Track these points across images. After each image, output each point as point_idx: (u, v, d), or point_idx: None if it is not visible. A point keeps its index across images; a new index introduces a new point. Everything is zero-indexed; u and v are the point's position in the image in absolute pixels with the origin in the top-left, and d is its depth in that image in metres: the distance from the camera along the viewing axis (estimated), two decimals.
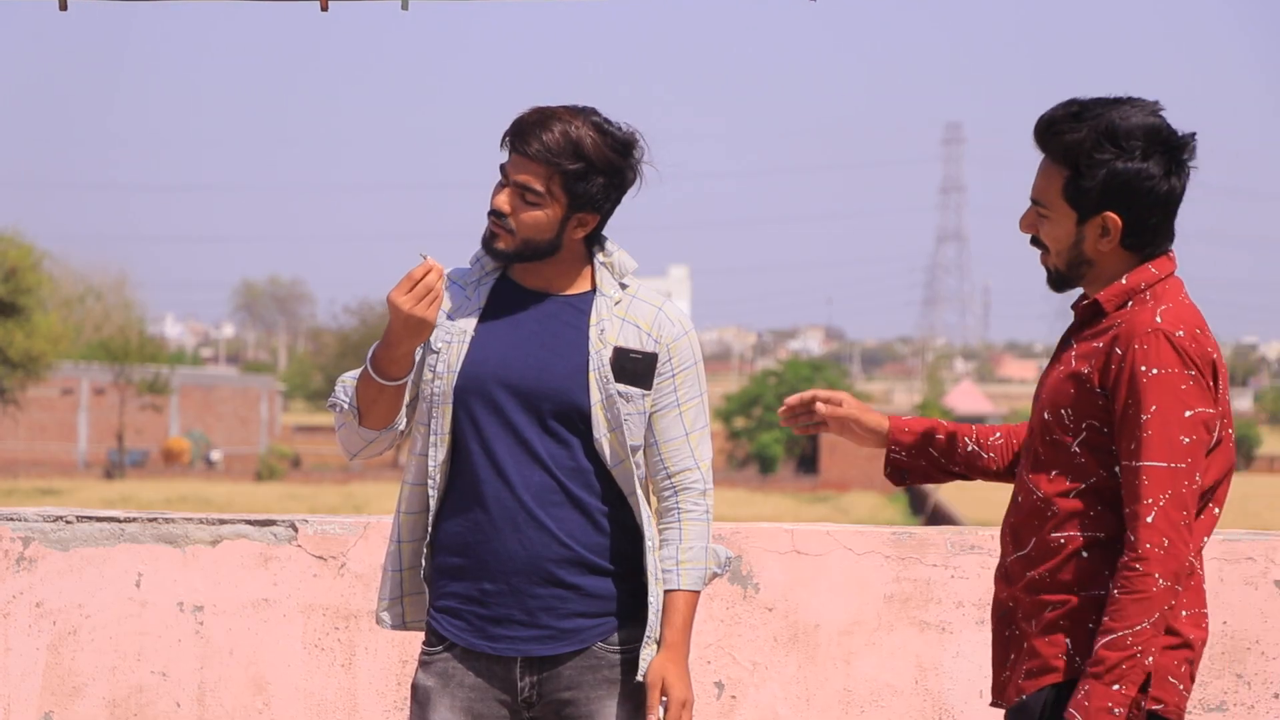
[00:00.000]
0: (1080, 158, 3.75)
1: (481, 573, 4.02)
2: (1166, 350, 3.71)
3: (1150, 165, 3.73)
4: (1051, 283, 3.90)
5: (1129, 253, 3.81)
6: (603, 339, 4.05)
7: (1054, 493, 3.80)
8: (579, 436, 4.03)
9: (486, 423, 4.03)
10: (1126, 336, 3.73)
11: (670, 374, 4.08)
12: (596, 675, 4.03)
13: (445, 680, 4.03)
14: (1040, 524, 3.81)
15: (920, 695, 5.47)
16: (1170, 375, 3.70)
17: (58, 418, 74.29)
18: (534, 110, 4.03)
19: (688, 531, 4.08)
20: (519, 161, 4.00)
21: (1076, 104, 3.78)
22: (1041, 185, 3.83)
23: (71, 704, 5.55)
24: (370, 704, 5.52)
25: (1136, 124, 3.72)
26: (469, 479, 4.04)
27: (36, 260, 60.13)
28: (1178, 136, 3.75)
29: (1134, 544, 3.67)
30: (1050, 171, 3.81)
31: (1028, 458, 3.89)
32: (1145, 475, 3.69)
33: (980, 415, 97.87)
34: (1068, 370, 3.81)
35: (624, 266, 4.13)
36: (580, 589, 4.02)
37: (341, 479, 62.91)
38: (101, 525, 5.56)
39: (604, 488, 4.04)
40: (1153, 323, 3.72)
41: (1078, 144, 3.74)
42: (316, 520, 5.58)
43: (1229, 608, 5.46)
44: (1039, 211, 3.84)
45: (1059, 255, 3.83)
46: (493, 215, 4.04)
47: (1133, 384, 3.70)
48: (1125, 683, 3.66)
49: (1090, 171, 3.74)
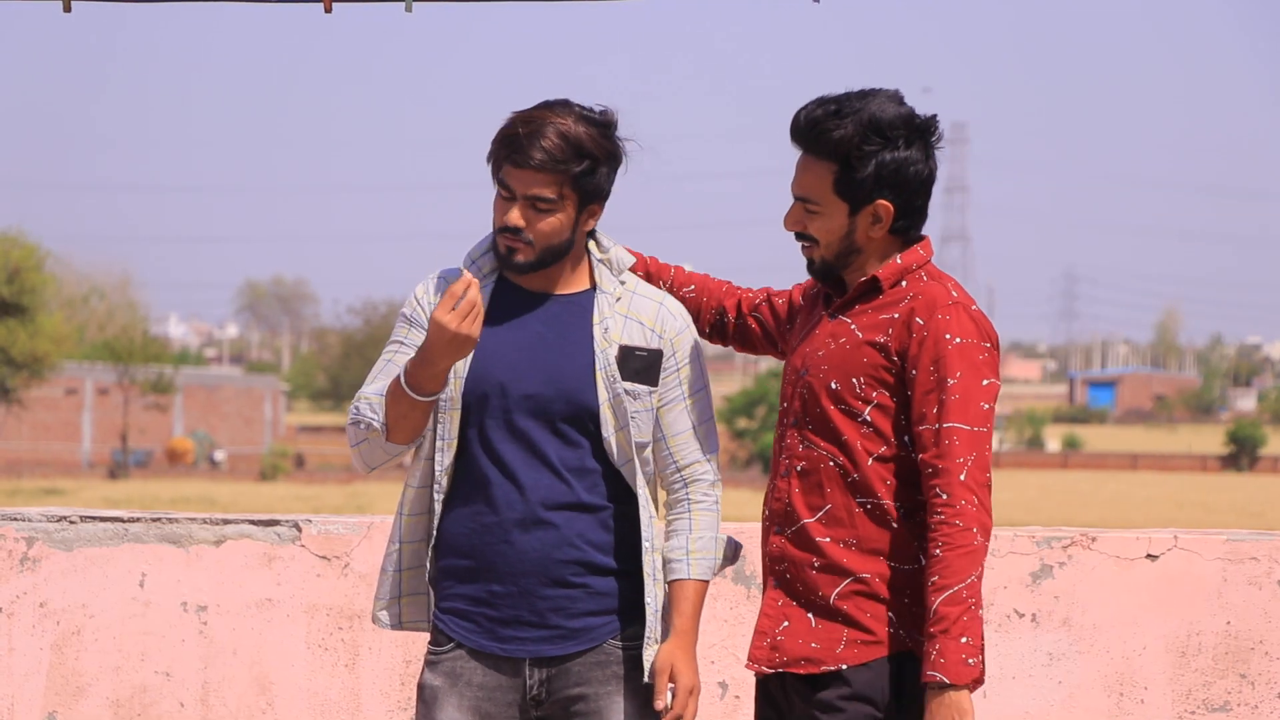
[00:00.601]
0: (850, 152, 3.92)
1: (490, 575, 4.03)
2: (967, 322, 3.92)
3: (913, 152, 3.94)
4: (814, 272, 4.05)
5: (894, 237, 3.99)
6: (607, 337, 4.07)
7: (850, 459, 3.94)
8: (587, 437, 4.05)
9: (495, 427, 4.04)
10: (927, 308, 3.91)
11: (675, 369, 4.11)
12: (605, 672, 4.05)
13: (453, 680, 4.04)
14: (835, 490, 3.94)
15: None
16: (971, 345, 3.90)
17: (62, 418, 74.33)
18: (518, 119, 4.01)
19: (698, 522, 4.11)
20: (524, 175, 3.98)
21: (831, 101, 3.94)
22: (809, 183, 3.98)
23: (75, 704, 5.55)
24: (374, 704, 5.52)
25: (895, 114, 3.92)
26: (476, 482, 4.05)
27: (40, 260, 60.13)
28: (928, 121, 3.95)
29: (948, 501, 3.84)
30: (816, 168, 3.96)
31: (806, 423, 3.99)
32: (954, 436, 3.86)
33: None
34: (856, 340, 3.94)
35: (621, 262, 4.15)
36: (589, 588, 4.04)
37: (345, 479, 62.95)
38: (105, 525, 5.57)
39: (611, 486, 4.07)
40: (951, 296, 3.92)
41: (846, 139, 3.91)
42: (320, 520, 5.58)
43: (1233, 608, 5.46)
44: (807, 209, 3.99)
45: (829, 247, 3.99)
46: (507, 232, 4.02)
47: (937, 351, 3.88)
48: (970, 634, 3.82)
49: (861, 164, 3.92)
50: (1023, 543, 5.48)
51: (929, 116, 3.96)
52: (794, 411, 4.03)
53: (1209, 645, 5.46)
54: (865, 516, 3.94)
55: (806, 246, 4.03)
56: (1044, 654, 5.47)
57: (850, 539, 3.94)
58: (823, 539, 3.95)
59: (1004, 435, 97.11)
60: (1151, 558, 5.49)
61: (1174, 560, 5.49)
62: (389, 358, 4.11)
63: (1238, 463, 79.56)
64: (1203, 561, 5.48)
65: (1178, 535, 5.51)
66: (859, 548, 3.94)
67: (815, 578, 3.95)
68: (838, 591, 3.94)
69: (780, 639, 3.97)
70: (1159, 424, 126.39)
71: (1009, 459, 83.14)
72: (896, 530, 3.94)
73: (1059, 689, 5.46)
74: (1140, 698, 5.46)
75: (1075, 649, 5.47)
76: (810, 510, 3.97)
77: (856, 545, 3.94)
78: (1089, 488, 62.93)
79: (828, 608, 3.94)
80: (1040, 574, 5.48)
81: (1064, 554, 5.48)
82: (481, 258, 4.12)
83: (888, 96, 3.94)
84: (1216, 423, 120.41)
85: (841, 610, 3.93)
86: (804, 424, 4.00)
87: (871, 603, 3.93)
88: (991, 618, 5.47)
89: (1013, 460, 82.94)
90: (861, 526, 3.94)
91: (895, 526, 3.93)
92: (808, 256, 4.03)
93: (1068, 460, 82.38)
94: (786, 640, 3.97)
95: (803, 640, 3.95)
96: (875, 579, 3.93)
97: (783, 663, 3.97)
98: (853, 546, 3.94)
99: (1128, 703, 5.46)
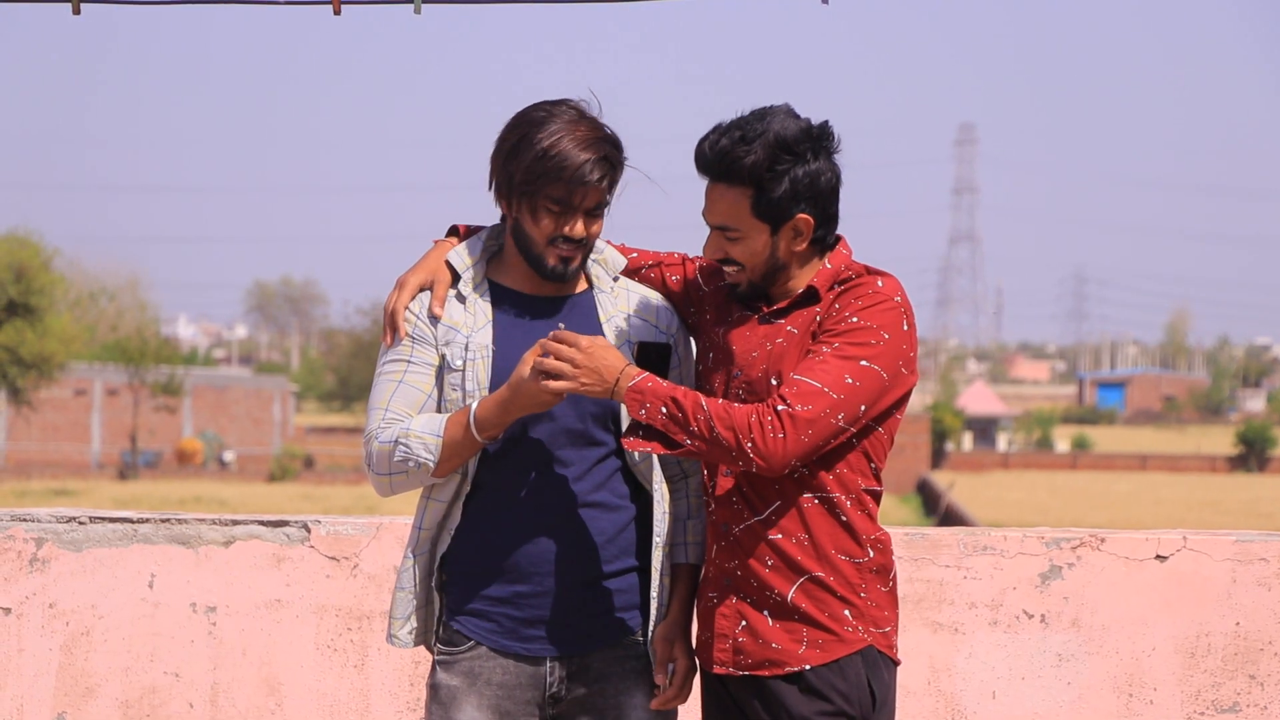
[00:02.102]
0: (762, 175, 3.95)
1: (514, 576, 4.05)
2: (886, 310, 3.98)
3: (821, 162, 3.99)
4: (743, 295, 4.08)
5: (813, 246, 4.04)
6: (619, 336, 4.11)
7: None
8: (607, 437, 4.08)
9: (519, 433, 4.05)
10: (854, 293, 3.99)
11: (676, 364, 4.17)
12: (623, 666, 4.09)
13: (472, 679, 4.05)
14: (783, 485, 3.97)
15: (933, 696, 5.47)
16: (871, 327, 3.96)
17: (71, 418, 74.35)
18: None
19: (696, 509, 4.18)
20: (589, 191, 4.03)
21: (733, 128, 3.98)
22: (725, 210, 4.01)
23: (85, 705, 5.55)
24: (382, 705, 5.53)
25: (795, 130, 3.96)
26: (498, 487, 4.06)
27: (47, 259, 60.15)
28: (824, 129, 4.00)
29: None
30: (730, 195, 3.99)
31: None
32: (789, 389, 3.90)
33: (992, 416, 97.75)
34: (794, 338, 3.99)
35: (615, 264, 4.19)
36: (610, 586, 4.08)
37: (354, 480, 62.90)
38: (114, 526, 5.57)
39: (629, 485, 4.11)
40: (877, 286, 4.00)
41: (758, 163, 3.95)
42: (329, 521, 5.58)
43: (1242, 609, 5.45)
44: (727, 236, 4.02)
45: (754, 270, 4.04)
46: (571, 243, 4.06)
47: (843, 325, 3.95)
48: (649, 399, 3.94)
49: (775, 184, 3.96)
50: (1032, 543, 5.48)
51: (823, 124, 4.02)
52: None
53: (1218, 646, 5.46)
54: (815, 511, 3.97)
55: (732, 273, 4.06)
56: (1053, 655, 5.46)
57: (801, 535, 3.97)
58: (774, 536, 3.98)
59: (1013, 436, 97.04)
60: (1161, 558, 5.48)
61: (1183, 561, 5.48)
62: (398, 378, 4.09)
63: (1247, 463, 79.45)
64: (1212, 562, 5.47)
65: (1187, 536, 5.51)
66: (811, 543, 3.97)
67: (769, 576, 3.98)
68: (794, 590, 3.97)
69: (741, 640, 4.00)
70: (1168, 425, 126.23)
71: (1018, 459, 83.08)
72: (846, 522, 3.98)
73: (1068, 690, 5.46)
74: (1149, 699, 5.46)
75: (1084, 650, 5.46)
76: (758, 509, 3.99)
77: (809, 541, 3.97)
78: (1098, 488, 62.87)
79: (784, 606, 3.97)
80: (1049, 575, 5.47)
81: (1073, 555, 5.48)
82: (475, 265, 4.13)
83: (785, 113, 3.99)
84: (1226, 423, 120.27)
85: (799, 608, 3.96)
86: None
87: (829, 600, 3.96)
88: (1000, 618, 5.47)
89: (1022, 461, 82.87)
90: (812, 521, 3.97)
91: (844, 519, 3.98)
92: (733, 281, 4.07)
93: (1077, 461, 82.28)
94: (747, 642, 3.99)
95: (762, 641, 3.98)
96: (829, 575, 3.97)
97: (749, 665, 3.99)
98: (805, 542, 3.97)
99: (1137, 704, 5.46)
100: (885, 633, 4.02)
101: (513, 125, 4.07)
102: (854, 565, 3.98)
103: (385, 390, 4.07)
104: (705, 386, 4.11)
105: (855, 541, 3.99)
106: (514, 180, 4.03)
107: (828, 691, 3.94)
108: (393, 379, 4.08)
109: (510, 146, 4.04)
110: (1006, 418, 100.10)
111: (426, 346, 4.08)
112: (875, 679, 3.97)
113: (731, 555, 4.02)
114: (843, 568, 3.97)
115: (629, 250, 4.27)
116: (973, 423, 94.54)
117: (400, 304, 4.10)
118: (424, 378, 4.07)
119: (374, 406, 4.08)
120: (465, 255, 4.12)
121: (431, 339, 4.08)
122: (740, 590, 4.01)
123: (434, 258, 4.16)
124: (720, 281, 4.18)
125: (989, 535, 5.53)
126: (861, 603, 3.98)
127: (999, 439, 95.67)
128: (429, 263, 4.14)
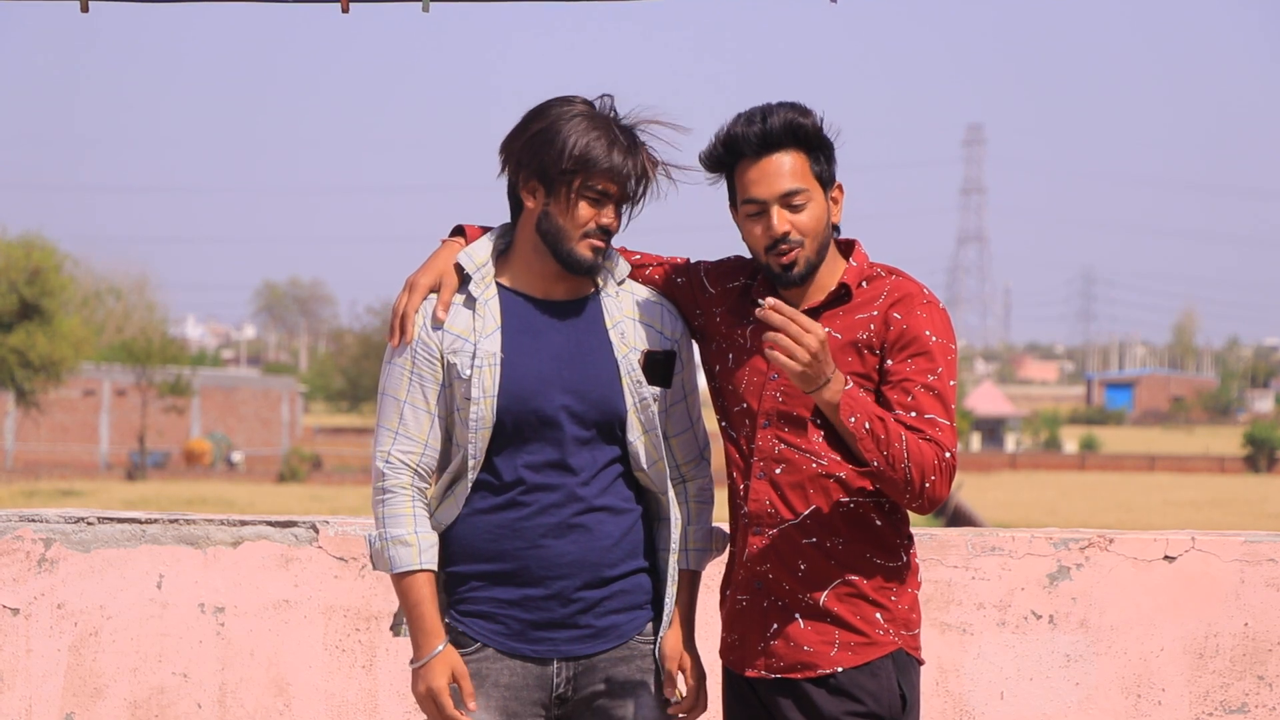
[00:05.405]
0: (822, 137, 4.04)
1: (523, 579, 4.05)
2: (942, 322, 4.02)
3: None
4: (798, 278, 4.05)
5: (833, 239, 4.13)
6: (625, 342, 4.10)
7: (834, 460, 3.98)
8: (615, 442, 4.09)
9: (526, 439, 4.05)
10: (906, 305, 4.01)
11: (679, 370, 4.16)
12: (630, 666, 4.10)
13: (479, 681, 4.06)
14: (818, 491, 3.98)
15: (941, 697, 5.47)
16: (945, 345, 4.02)
17: (79, 419, 74.39)
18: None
19: (696, 515, 4.19)
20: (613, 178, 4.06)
21: (779, 106, 4.04)
22: (795, 172, 4.03)
23: (93, 705, 5.56)
24: (391, 705, 5.53)
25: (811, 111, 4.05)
26: (506, 489, 4.06)
27: (59, 262, 60.18)
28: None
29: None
30: (794, 160, 4.02)
31: (783, 425, 4.02)
32: (937, 430, 3.94)
33: (1000, 417, 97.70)
34: (838, 343, 3.99)
35: (620, 267, 4.18)
36: (618, 589, 4.09)
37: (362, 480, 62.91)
38: (123, 526, 5.57)
39: (637, 489, 4.12)
40: (924, 293, 4.04)
41: (816, 126, 4.03)
42: (337, 521, 5.59)
43: (1250, 609, 5.45)
44: (793, 203, 4.02)
45: (817, 237, 4.04)
46: (598, 232, 4.06)
47: (919, 348, 3.97)
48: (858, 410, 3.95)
49: (827, 151, 4.04)
50: (1040, 544, 5.48)
51: None
52: (766, 412, 4.05)
53: (1226, 647, 5.46)
54: (850, 515, 3.98)
55: (792, 252, 4.01)
56: (1061, 655, 5.46)
57: (836, 539, 3.98)
58: (808, 540, 3.98)
59: (1021, 436, 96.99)
60: (1169, 559, 5.48)
61: (1191, 561, 5.48)
62: (408, 399, 4.08)
63: (1255, 464, 79.35)
64: (1220, 563, 5.47)
65: (1195, 536, 5.51)
66: (845, 547, 3.98)
67: (803, 580, 3.99)
68: (827, 593, 3.98)
69: (773, 644, 4.01)
70: (1176, 425, 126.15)
71: (1026, 460, 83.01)
72: (880, 528, 4.00)
73: (1076, 690, 5.46)
74: (1158, 699, 5.45)
75: (1093, 650, 5.46)
76: (793, 512, 4.00)
77: (843, 544, 3.98)
78: (1106, 489, 62.82)
79: (816, 609, 3.98)
80: (1057, 575, 5.47)
81: (1081, 555, 5.48)
82: (485, 266, 4.12)
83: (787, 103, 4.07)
84: (1234, 424, 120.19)
85: (831, 611, 3.98)
86: (780, 425, 4.03)
87: (861, 603, 3.98)
88: (1009, 619, 5.47)
89: (1030, 461, 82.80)
90: (847, 525, 3.98)
91: (879, 522, 3.99)
92: (790, 260, 4.02)
93: (1085, 461, 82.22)
94: (779, 645, 4.01)
95: (794, 644, 3.99)
96: (863, 578, 3.98)
97: (781, 668, 4.00)
98: (839, 546, 3.98)
99: (1145, 704, 5.45)
100: (914, 634, 4.04)
101: (539, 114, 4.04)
102: (887, 568, 4.00)
103: (392, 412, 4.08)
104: (727, 386, 4.11)
105: (888, 545, 4.01)
106: (550, 168, 4.00)
107: (859, 693, 3.96)
108: (402, 401, 4.08)
109: (542, 135, 4.01)
110: (1014, 418, 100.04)
111: (431, 361, 4.07)
112: (905, 681, 3.99)
113: (764, 559, 4.03)
114: (876, 571, 3.99)
115: (631, 253, 4.26)
116: (981, 423, 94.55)
117: (411, 307, 4.08)
118: (427, 395, 4.07)
119: (383, 426, 4.09)
120: (475, 256, 4.11)
121: (437, 353, 4.07)
122: (772, 593, 4.03)
123: (443, 259, 4.14)
124: (730, 283, 4.17)
125: (997, 536, 5.53)
126: (893, 605, 4.00)
127: (1007, 439, 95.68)
128: (438, 264, 4.13)
